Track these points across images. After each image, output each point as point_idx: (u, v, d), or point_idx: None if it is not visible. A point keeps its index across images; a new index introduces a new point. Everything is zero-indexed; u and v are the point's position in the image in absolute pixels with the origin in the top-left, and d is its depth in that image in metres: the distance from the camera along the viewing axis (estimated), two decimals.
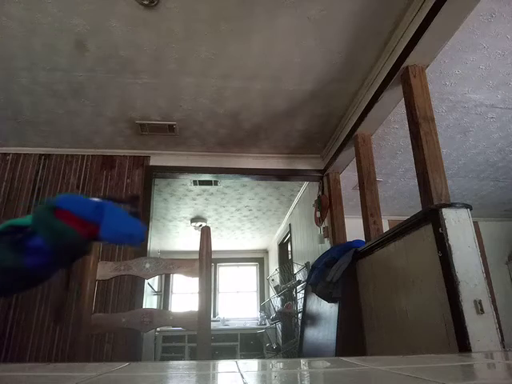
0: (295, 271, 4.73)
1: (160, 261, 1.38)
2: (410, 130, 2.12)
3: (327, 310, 2.69)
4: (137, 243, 0.66)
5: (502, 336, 1.55)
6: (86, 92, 2.68)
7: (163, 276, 7.12)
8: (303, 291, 3.78)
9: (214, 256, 1.36)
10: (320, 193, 3.74)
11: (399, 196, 4.76)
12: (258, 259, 8.06)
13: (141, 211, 0.75)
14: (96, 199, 0.66)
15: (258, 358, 6.08)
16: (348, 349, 2.37)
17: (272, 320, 5.62)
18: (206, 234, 1.34)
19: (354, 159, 3.03)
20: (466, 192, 4.65)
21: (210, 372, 0.61)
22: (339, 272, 2.50)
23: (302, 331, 3.23)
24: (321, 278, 2.70)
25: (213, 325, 6.02)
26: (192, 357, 6.16)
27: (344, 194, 3.60)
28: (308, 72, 2.52)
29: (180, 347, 6.27)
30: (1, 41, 2.19)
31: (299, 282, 4.41)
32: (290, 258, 5.67)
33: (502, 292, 5.28)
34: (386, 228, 2.71)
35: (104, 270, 1.34)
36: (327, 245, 3.51)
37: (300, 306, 4.16)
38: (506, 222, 5.76)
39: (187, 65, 2.43)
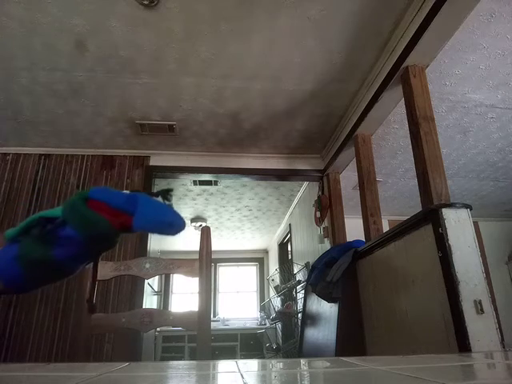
0: (295, 271, 4.73)
1: (160, 261, 1.38)
2: (409, 130, 2.12)
3: (327, 310, 2.69)
4: (177, 231, 0.64)
5: (502, 336, 1.55)
6: (85, 92, 2.68)
7: (163, 276, 7.11)
8: (303, 291, 3.78)
9: (214, 256, 1.36)
10: (320, 193, 3.74)
11: (399, 196, 4.76)
12: (258, 259, 8.06)
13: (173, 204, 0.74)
14: (127, 192, 0.65)
15: (258, 358, 6.08)
16: (348, 349, 2.37)
17: (272, 320, 5.62)
18: (206, 234, 1.34)
19: (354, 159, 3.03)
20: (466, 192, 4.66)
21: (209, 372, 0.61)
22: (339, 272, 2.50)
23: (302, 331, 3.23)
24: (321, 278, 2.70)
25: (213, 325, 6.02)
26: (192, 357, 6.16)
27: (344, 194, 3.60)
28: (308, 72, 2.52)
29: (180, 347, 6.26)
30: (1, 41, 2.19)
31: (299, 282, 4.41)
32: (290, 258, 5.67)
33: (502, 292, 5.28)
34: (385, 228, 2.71)
35: (104, 270, 1.34)
36: (327, 245, 3.51)
37: (300, 306, 4.16)
38: (506, 221, 5.76)
39: (187, 65, 2.43)
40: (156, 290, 6.13)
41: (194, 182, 4.32)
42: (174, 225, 0.62)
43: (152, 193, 0.67)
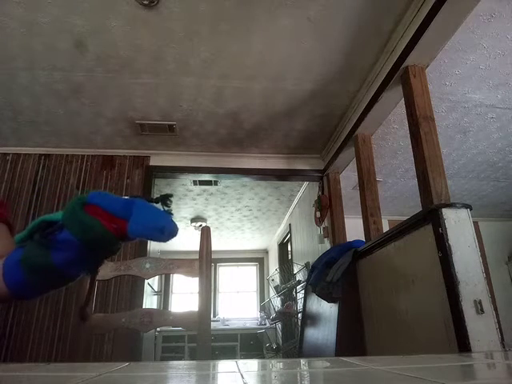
0: (295, 271, 4.73)
1: (160, 261, 1.38)
2: (409, 129, 2.12)
3: (327, 310, 2.69)
4: (168, 238, 0.63)
5: (501, 336, 1.55)
6: (85, 92, 2.68)
7: (163, 276, 7.12)
8: (303, 291, 3.78)
9: (213, 256, 1.36)
10: (320, 193, 3.74)
11: (399, 196, 4.76)
12: (258, 259, 8.06)
13: (173, 210, 0.73)
14: (126, 197, 0.65)
15: (258, 358, 6.07)
16: (348, 349, 2.37)
17: (272, 320, 5.62)
18: (205, 233, 1.34)
19: (354, 159, 3.03)
20: (466, 192, 4.66)
21: (209, 372, 0.61)
22: (339, 272, 2.50)
23: (302, 331, 3.23)
24: (321, 278, 2.69)
25: (213, 325, 6.02)
26: (192, 357, 6.16)
27: (344, 194, 3.60)
28: (308, 72, 2.52)
29: (180, 347, 6.27)
30: (1, 41, 2.19)
31: (299, 282, 4.41)
32: (289, 258, 5.67)
33: (502, 292, 5.28)
34: (385, 228, 2.71)
35: (104, 270, 1.34)
36: (327, 245, 3.51)
37: (300, 305, 4.16)
38: (506, 221, 5.76)
39: (187, 65, 2.43)
40: (156, 290, 6.13)
41: (194, 182, 4.32)
42: (165, 230, 0.61)
43: (151, 198, 0.67)
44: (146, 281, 3.19)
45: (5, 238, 0.77)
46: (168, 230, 0.62)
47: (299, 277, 4.48)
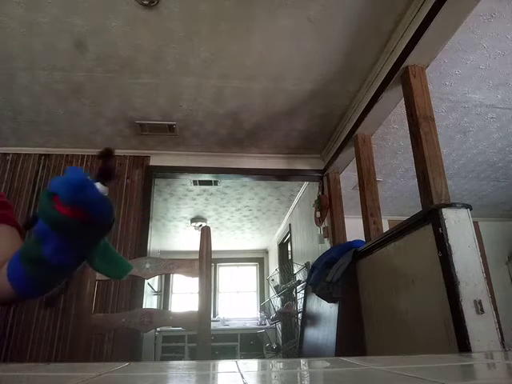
0: (295, 271, 4.73)
1: (160, 261, 1.38)
2: (409, 129, 2.12)
3: (327, 310, 2.69)
4: (75, 189, 0.59)
5: (501, 336, 1.55)
6: (85, 92, 2.68)
7: (163, 276, 7.12)
8: (303, 291, 3.78)
9: (213, 256, 1.36)
10: (320, 193, 3.74)
11: (399, 196, 4.76)
12: (258, 259, 8.06)
13: (114, 165, 0.72)
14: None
15: (258, 358, 6.07)
16: (348, 349, 2.37)
17: (272, 320, 5.62)
18: (205, 233, 1.34)
19: (354, 159, 3.03)
20: (466, 192, 4.66)
21: (209, 372, 0.61)
22: (339, 272, 2.50)
23: (302, 331, 3.23)
24: (321, 278, 2.70)
25: (213, 325, 6.02)
26: (192, 357, 6.16)
27: (344, 194, 3.60)
28: (308, 72, 2.52)
29: (180, 347, 6.27)
30: (1, 41, 2.19)
31: (299, 282, 4.41)
32: (289, 258, 5.67)
33: (502, 292, 5.27)
34: (385, 228, 2.71)
35: None
36: (327, 245, 3.51)
37: (300, 306, 4.16)
38: (506, 221, 5.76)
39: (187, 65, 2.43)
40: (156, 290, 6.14)
41: (194, 182, 4.32)
42: (70, 182, 0.60)
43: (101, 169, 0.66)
44: (146, 281, 3.19)
45: (10, 239, 0.77)
46: (72, 182, 0.60)
47: (299, 277, 4.48)
